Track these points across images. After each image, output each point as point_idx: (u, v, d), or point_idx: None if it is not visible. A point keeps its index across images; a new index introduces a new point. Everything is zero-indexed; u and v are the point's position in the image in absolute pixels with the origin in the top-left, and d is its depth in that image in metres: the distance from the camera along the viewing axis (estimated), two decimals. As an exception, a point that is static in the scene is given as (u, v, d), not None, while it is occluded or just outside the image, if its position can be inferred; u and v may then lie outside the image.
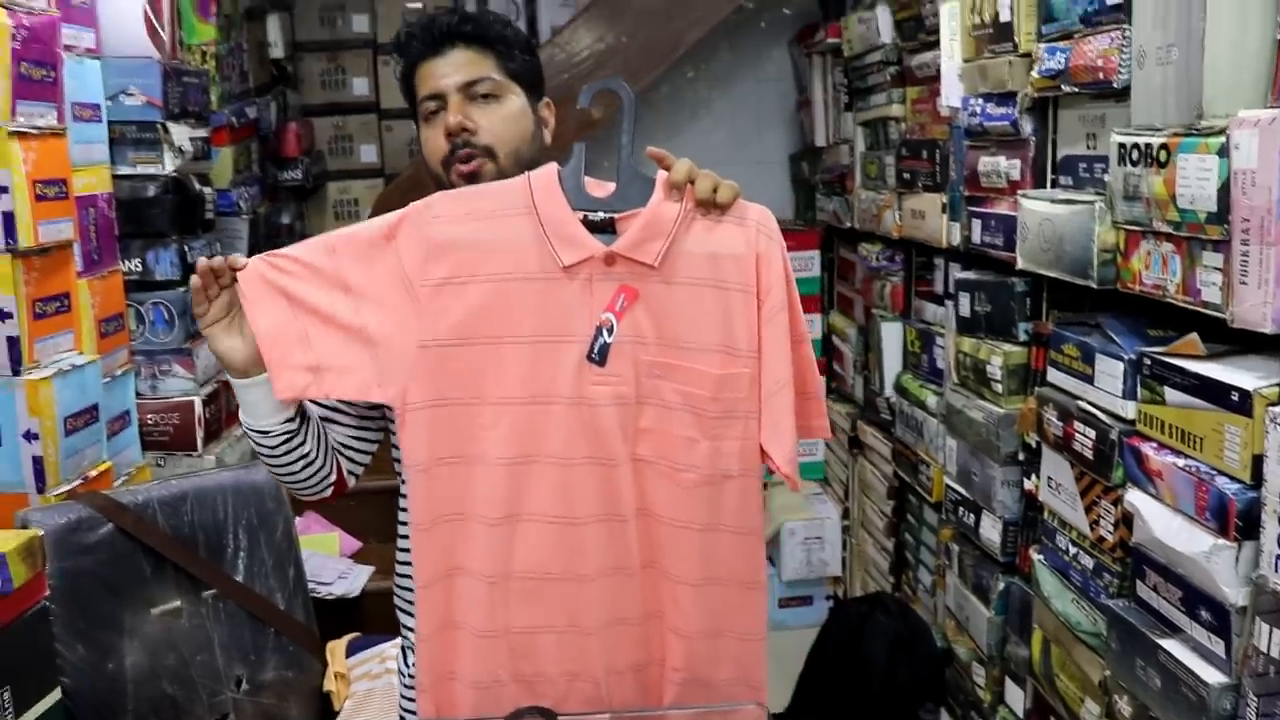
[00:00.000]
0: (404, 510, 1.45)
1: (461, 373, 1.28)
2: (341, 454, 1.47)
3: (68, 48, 2.04)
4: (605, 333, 1.27)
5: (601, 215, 1.29)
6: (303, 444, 1.38)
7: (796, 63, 4.07)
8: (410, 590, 1.41)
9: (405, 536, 1.47)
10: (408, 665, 1.52)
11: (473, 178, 1.42)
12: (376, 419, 1.50)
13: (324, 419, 1.46)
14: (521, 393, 1.28)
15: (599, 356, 1.27)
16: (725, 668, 1.34)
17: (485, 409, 1.28)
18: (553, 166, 1.31)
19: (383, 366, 1.27)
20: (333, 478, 1.45)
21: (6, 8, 1.82)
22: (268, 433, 1.36)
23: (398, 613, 1.55)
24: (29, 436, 1.81)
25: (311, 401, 1.44)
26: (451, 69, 1.43)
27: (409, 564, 1.41)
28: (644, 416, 1.29)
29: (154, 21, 2.24)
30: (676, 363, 1.29)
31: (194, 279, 1.31)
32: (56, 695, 1.16)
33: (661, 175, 1.30)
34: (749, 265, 1.29)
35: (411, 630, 1.42)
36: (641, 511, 1.31)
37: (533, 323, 1.27)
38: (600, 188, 1.32)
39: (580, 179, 1.30)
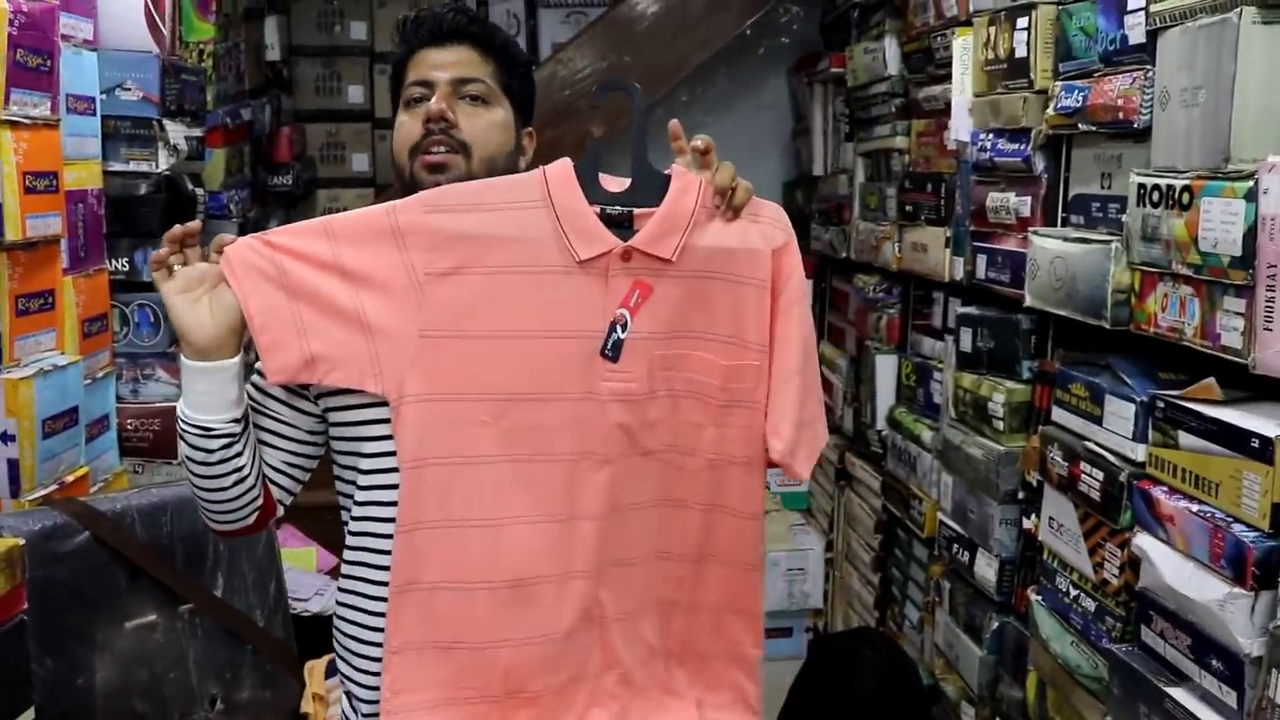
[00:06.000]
0: (357, 521, 1.35)
1: (464, 366, 1.24)
2: (276, 478, 1.37)
3: (65, 37, 1.99)
4: (619, 329, 1.26)
5: (619, 209, 1.28)
6: (240, 455, 1.29)
7: (795, 91, 4.06)
8: (359, 611, 1.34)
9: (354, 549, 1.37)
10: (353, 709, 1.37)
11: (439, 169, 1.35)
12: (320, 435, 1.39)
13: (261, 442, 1.36)
14: (526, 388, 1.25)
15: (612, 352, 1.26)
16: (720, 642, 1.37)
17: (486, 404, 1.24)
18: (567, 161, 1.30)
19: (380, 355, 1.23)
20: (260, 502, 1.35)
21: (5, -8, 1.77)
22: (210, 431, 1.25)
23: (339, 646, 1.40)
24: (5, 438, 1.75)
25: (254, 425, 1.36)
26: (449, 62, 1.39)
27: (353, 592, 1.34)
28: (652, 409, 1.29)
29: (154, 16, 2.18)
30: (687, 353, 1.29)
31: (158, 252, 1.26)
32: (30, 716, 1.09)
33: (676, 169, 1.32)
34: (764, 260, 1.31)
35: (358, 657, 1.34)
36: (646, 503, 1.30)
37: (543, 317, 1.25)
38: (615, 183, 1.31)
39: (596, 173, 1.29)
